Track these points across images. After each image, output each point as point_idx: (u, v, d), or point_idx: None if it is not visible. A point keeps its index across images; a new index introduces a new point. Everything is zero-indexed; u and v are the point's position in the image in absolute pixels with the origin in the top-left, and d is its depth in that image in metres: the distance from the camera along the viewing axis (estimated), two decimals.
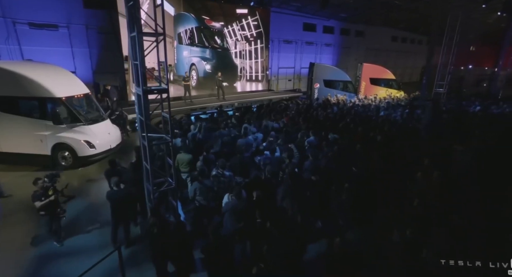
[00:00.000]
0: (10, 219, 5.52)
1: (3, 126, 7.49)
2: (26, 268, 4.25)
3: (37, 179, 4.75)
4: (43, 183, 4.64)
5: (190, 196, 4.57)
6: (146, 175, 4.25)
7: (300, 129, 7.58)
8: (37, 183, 4.68)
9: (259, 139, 6.91)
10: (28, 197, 4.62)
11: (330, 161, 5.47)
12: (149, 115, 3.88)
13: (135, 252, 4.55)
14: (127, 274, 3.98)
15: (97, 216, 5.61)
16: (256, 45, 17.42)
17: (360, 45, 30.55)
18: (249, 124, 7.91)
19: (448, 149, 5.56)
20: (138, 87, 3.66)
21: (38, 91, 7.26)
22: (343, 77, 16.50)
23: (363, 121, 8.74)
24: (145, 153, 4.00)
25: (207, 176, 4.75)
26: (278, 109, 10.50)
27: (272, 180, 4.87)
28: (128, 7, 3.54)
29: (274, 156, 5.66)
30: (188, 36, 14.28)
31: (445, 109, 9.03)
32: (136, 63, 3.58)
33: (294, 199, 4.20)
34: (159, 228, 3.64)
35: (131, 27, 3.66)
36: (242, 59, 16.58)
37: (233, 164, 5.37)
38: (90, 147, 7.67)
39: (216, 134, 6.93)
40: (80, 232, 5.13)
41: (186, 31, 14.26)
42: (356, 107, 11.38)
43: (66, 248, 4.70)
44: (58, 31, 13.46)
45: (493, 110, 11.09)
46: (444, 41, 11.62)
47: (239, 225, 3.79)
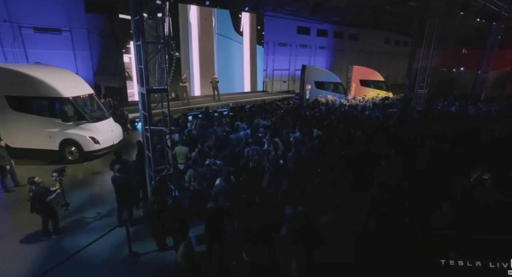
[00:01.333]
0: (25, 205, 6.17)
1: (15, 124, 8.16)
2: (40, 246, 4.89)
3: (30, 178, 4.92)
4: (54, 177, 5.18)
5: (186, 181, 5.28)
6: (148, 162, 4.96)
7: (288, 127, 8.33)
8: (34, 182, 4.84)
9: (249, 135, 7.64)
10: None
11: (310, 152, 6.20)
12: (151, 110, 4.59)
13: (139, 230, 5.24)
14: (133, 247, 4.67)
15: (103, 203, 6.28)
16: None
17: (354, 47, 31.35)
18: (241, 122, 8.64)
19: (413, 143, 6.31)
20: (142, 87, 4.38)
21: (48, 92, 7.95)
22: (333, 79, 17.30)
23: (347, 119, 9.49)
24: (148, 143, 4.72)
25: (200, 165, 5.46)
26: (268, 109, 11.25)
27: (258, 168, 5.58)
28: (134, 20, 4.27)
29: (262, 148, 6.39)
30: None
31: (422, 109, 9.80)
32: (141, 67, 4.30)
33: (277, 184, 4.92)
34: (158, 205, 4.35)
35: (136, 36, 4.38)
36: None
37: (224, 156, 6.09)
38: (95, 143, 8.37)
39: (210, 130, 7.65)
40: (88, 216, 5.78)
41: None
42: (343, 107, 12.15)
43: (76, 228, 5.38)
44: (61, 34, 14.12)
45: (470, 110, 11.89)
46: (424, 45, 12.40)
47: (227, 204, 4.50)
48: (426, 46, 12.23)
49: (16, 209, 6.20)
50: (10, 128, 8.18)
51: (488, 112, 11.19)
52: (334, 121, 8.93)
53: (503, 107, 11.90)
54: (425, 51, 12.48)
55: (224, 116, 10.19)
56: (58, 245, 4.88)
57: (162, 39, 4.44)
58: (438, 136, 6.73)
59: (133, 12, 4.38)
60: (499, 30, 16.36)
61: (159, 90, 4.45)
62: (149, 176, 5.09)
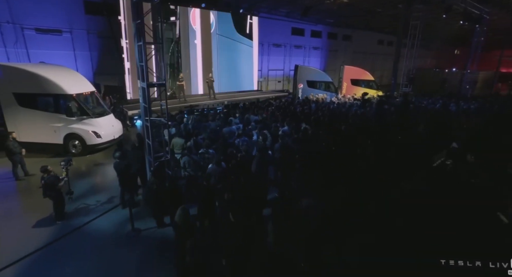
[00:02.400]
0: (34, 192, 6.74)
1: (22, 119, 8.72)
2: (50, 225, 5.47)
3: (43, 167, 5.41)
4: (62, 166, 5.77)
5: (182, 167, 5.89)
6: (148, 150, 5.57)
7: (277, 121, 8.96)
8: (46, 170, 5.37)
9: (241, 128, 8.26)
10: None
11: (295, 142, 6.84)
12: (150, 103, 5.20)
13: (139, 211, 5.84)
14: (135, 225, 5.27)
15: (105, 191, 6.84)
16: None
17: (347, 48, 32.07)
18: (234, 117, 9.26)
19: (386, 134, 7.00)
20: (143, 82, 4.98)
21: (53, 89, 8.53)
22: (324, 78, 18.00)
23: (334, 115, 10.15)
24: (148, 132, 5.33)
25: (195, 153, 6.08)
26: (260, 106, 11.88)
27: (247, 156, 6.20)
28: (136, 23, 4.88)
29: (250, 139, 7.02)
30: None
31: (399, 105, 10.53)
32: (142, 64, 4.91)
33: (264, 168, 5.55)
34: (157, 186, 4.95)
35: (138, 38, 4.99)
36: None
37: (217, 146, 6.70)
38: (97, 137, 8.94)
39: (204, 124, 8.27)
40: (91, 203, 6.30)
41: None
42: (332, 105, 12.82)
43: (81, 212, 5.95)
44: (62, 35, 14.61)
45: (452, 108, 12.63)
46: (408, 46, 13.12)
47: (218, 186, 5.11)
48: (410, 47, 12.93)
49: (27, 195, 6.78)
50: (17, 123, 8.73)
51: (467, 109, 11.92)
52: (321, 117, 9.58)
53: (480, 105, 12.67)
54: (409, 52, 13.20)
55: (218, 113, 10.81)
56: (65, 224, 5.45)
57: (160, 40, 5.05)
58: (409, 128, 7.41)
59: (134, 16, 4.99)
60: (482, 32, 17.17)
61: (158, 85, 5.07)
62: (148, 162, 5.69)
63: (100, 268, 4.34)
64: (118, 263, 4.45)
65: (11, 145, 7.01)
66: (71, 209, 5.94)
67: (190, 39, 15.81)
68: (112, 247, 4.82)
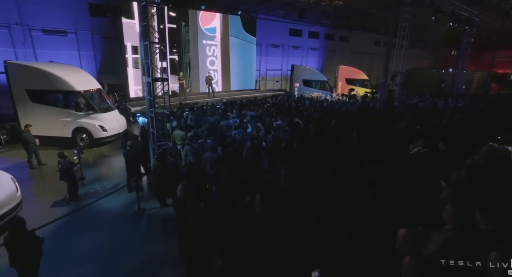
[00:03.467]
0: (48, 179, 7.39)
1: (34, 114, 9.35)
2: (66, 206, 6.09)
3: (60, 152, 6.18)
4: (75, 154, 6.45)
5: (183, 155, 6.52)
6: (152, 138, 6.20)
7: (272, 117, 9.59)
8: (63, 155, 6.11)
9: (238, 122, 8.90)
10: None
11: (286, 134, 7.47)
12: (155, 96, 5.83)
13: (144, 194, 6.49)
14: (141, 205, 5.91)
15: (112, 178, 7.50)
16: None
17: (345, 49, 32.64)
18: (231, 113, 9.90)
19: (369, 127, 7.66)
20: (148, 77, 5.62)
21: (63, 86, 9.17)
22: (320, 78, 18.66)
23: (325, 111, 10.77)
24: (152, 122, 5.96)
25: (195, 142, 6.71)
26: (257, 103, 12.52)
27: (241, 146, 6.82)
28: (142, 25, 5.52)
29: (245, 131, 7.65)
30: None
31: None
32: (147, 61, 5.55)
33: (256, 155, 6.16)
34: (161, 169, 5.58)
35: (144, 38, 5.63)
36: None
37: (215, 137, 7.33)
38: (103, 130, 9.58)
39: (204, 119, 8.91)
40: (101, 187, 6.99)
41: None
42: (326, 102, 13.45)
43: (92, 194, 6.59)
44: (67, 36, 15.19)
45: (440, 105, 13.26)
46: (397, 47, 13.78)
47: (213, 170, 5.74)
48: (399, 48, 13.58)
49: (41, 181, 7.43)
50: (29, 117, 9.35)
51: (454, 106, 12.55)
52: (313, 113, 10.21)
53: (466, 102, 13.32)
54: (399, 52, 13.85)
55: (217, 109, 11.46)
56: (79, 205, 6.07)
57: (163, 41, 5.69)
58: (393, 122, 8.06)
59: (141, 19, 5.63)
60: (471, 33, 17.82)
61: (162, 79, 5.71)
62: (152, 150, 6.32)
63: (111, 236, 5.00)
64: (127, 233, 5.10)
65: (26, 135, 7.66)
66: (82, 192, 6.59)
67: (199, 40, 16.55)
68: (121, 221, 5.46)
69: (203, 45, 16.90)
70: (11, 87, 9.25)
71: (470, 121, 8.09)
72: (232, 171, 5.10)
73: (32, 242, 3.31)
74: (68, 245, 4.78)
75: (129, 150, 6.23)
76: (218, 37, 17.40)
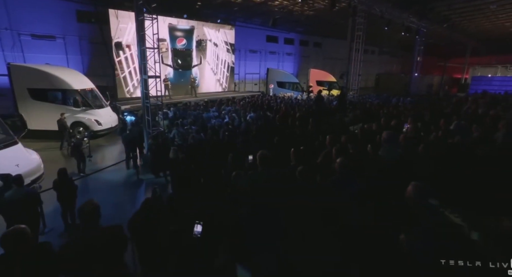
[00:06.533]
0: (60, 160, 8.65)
1: (34, 110, 10.52)
2: (76, 176, 7.45)
3: (72, 132, 7.86)
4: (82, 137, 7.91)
5: (171, 138, 8.10)
6: (147, 124, 7.74)
7: (246, 111, 11.35)
8: (75, 135, 7.80)
9: (217, 114, 10.59)
10: (58, 154, 7.83)
11: (255, 122, 9.25)
12: (149, 90, 7.41)
13: (140, 170, 7.98)
14: (140, 176, 7.41)
15: (112, 160, 8.90)
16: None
17: (318, 54, 35.18)
18: (211, 108, 11.58)
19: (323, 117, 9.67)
20: (144, 75, 7.19)
21: (62, 85, 10.45)
22: (292, 80, 20.77)
23: (292, 106, 12.69)
24: (148, 111, 7.51)
25: (181, 128, 8.32)
26: (234, 100, 14.27)
27: (219, 131, 8.51)
28: (140, 34, 7.11)
29: (223, 121, 9.36)
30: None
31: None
32: (144, 62, 7.13)
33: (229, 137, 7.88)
34: (155, 146, 7.14)
35: (140, 43, 7.21)
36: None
37: (198, 125, 8.97)
38: (98, 124, 10.90)
39: (188, 112, 10.52)
40: (101, 167, 8.40)
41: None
42: (295, 100, 15.43)
43: (97, 173, 7.99)
44: (56, 41, 16.10)
45: (393, 101, 15.65)
46: (353, 52, 16.10)
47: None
48: (355, 53, 15.90)
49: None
50: (30, 113, 10.52)
51: (404, 103, 14.97)
52: (281, 107, 12.09)
53: (415, 100, 15.88)
54: (356, 56, 16.19)
55: (199, 105, 13.10)
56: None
57: (156, 45, 7.33)
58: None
59: (139, 29, 7.21)
60: (421, 42, 20.70)
61: (154, 76, 7.31)
62: (147, 133, 7.87)
63: (116, 197, 6.47)
64: (128, 194, 6.60)
65: (64, 122, 9.55)
66: (88, 170, 7.98)
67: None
68: (123, 187, 6.97)
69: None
70: (13, 86, 10.40)
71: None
72: (213, 146, 6.78)
73: (71, 186, 4.81)
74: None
75: (129, 134, 7.74)
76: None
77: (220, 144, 7.04)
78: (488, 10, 17.78)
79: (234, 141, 8.07)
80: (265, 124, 8.94)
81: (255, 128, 8.12)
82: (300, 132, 7.85)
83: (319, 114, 9.82)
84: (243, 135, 8.26)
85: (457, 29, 21.72)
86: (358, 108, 11.18)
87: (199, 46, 19.28)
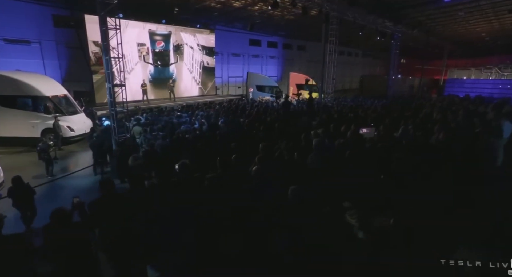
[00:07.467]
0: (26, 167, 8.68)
1: (4, 117, 10.47)
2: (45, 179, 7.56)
3: (40, 138, 7.95)
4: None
5: (139, 143, 8.27)
6: (113, 131, 7.90)
7: (219, 116, 11.60)
8: (42, 140, 7.90)
9: (188, 121, 10.80)
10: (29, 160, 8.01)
11: (226, 126, 9.51)
12: (115, 98, 7.57)
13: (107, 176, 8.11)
14: None
15: (80, 166, 9.01)
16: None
17: (302, 57, 35.66)
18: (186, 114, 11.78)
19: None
20: (109, 83, 7.36)
21: (32, 92, 10.44)
22: (271, 83, 21.15)
23: (266, 110, 13.02)
24: (114, 118, 7.67)
25: (149, 134, 8.49)
26: (210, 105, 14.50)
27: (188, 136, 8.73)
28: (104, 44, 7.28)
29: (192, 126, 9.58)
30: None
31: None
32: (108, 72, 7.29)
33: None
34: (120, 153, 7.30)
35: (105, 53, 7.38)
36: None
37: (166, 131, 9.16)
38: (71, 131, 10.93)
39: (160, 118, 10.69)
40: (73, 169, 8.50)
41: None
42: (271, 104, 15.78)
43: (64, 178, 8.09)
44: (31, 46, 15.85)
45: (367, 103, 16.22)
46: (327, 54, 16.65)
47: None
48: (330, 55, 16.46)
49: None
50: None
51: (377, 104, 15.58)
52: (254, 112, 12.39)
53: (388, 100, 16.57)
54: (331, 59, 16.73)
55: (174, 111, 13.26)
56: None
57: (121, 55, 7.51)
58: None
59: (103, 38, 7.37)
60: (396, 46, 21.49)
61: (119, 85, 7.49)
62: (114, 140, 8.02)
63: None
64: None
65: (58, 124, 10.02)
66: (56, 172, 8.09)
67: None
68: (87, 192, 7.09)
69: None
70: None
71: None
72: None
73: (28, 191, 4.96)
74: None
75: (96, 140, 7.88)
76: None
77: (176, 150, 7.27)
78: (458, 16, 18.64)
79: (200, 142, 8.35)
80: (233, 129, 9.22)
81: (218, 134, 8.38)
82: (265, 137, 8.18)
83: (286, 118, 10.17)
84: (203, 141, 8.54)
85: (432, 33, 22.64)
86: (325, 112, 11.62)
87: (177, 50, 19.55)
